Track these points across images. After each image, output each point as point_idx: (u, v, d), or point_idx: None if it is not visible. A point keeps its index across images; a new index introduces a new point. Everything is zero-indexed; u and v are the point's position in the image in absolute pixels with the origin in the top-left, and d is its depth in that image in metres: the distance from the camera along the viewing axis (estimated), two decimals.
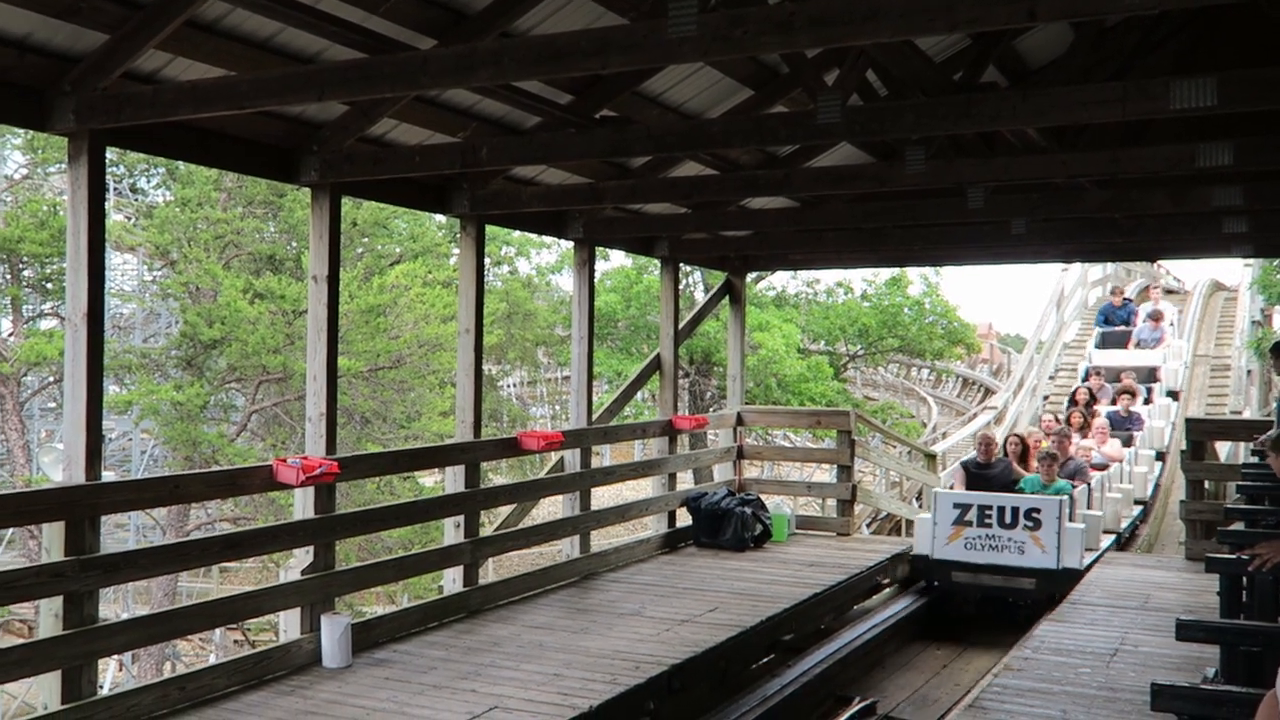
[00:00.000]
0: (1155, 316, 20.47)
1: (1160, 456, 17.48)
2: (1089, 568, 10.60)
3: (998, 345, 50.67)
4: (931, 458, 15.90)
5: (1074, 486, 11.80)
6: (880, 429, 18.04)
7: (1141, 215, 9.93)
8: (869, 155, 9.88)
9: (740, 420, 13.92)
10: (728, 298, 14.19)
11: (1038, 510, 10.85)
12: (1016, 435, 13.90)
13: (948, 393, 39.04)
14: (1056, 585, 10.34)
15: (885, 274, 27.77)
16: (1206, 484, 11.84)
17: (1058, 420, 15.48)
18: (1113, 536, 13.18)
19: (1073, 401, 16.66)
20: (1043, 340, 25.38)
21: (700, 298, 20.67)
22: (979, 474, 12.26)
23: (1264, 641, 5.30)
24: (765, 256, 14.17)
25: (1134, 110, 5.71)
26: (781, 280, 29.31)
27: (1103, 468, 14.05)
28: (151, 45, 6.05)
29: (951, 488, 12.02)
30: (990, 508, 11.05)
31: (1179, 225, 10.51)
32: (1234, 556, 6.92)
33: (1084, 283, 27.43)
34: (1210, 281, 29.29)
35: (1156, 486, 16.96)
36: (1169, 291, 29.53)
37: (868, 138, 8.47)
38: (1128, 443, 16.01)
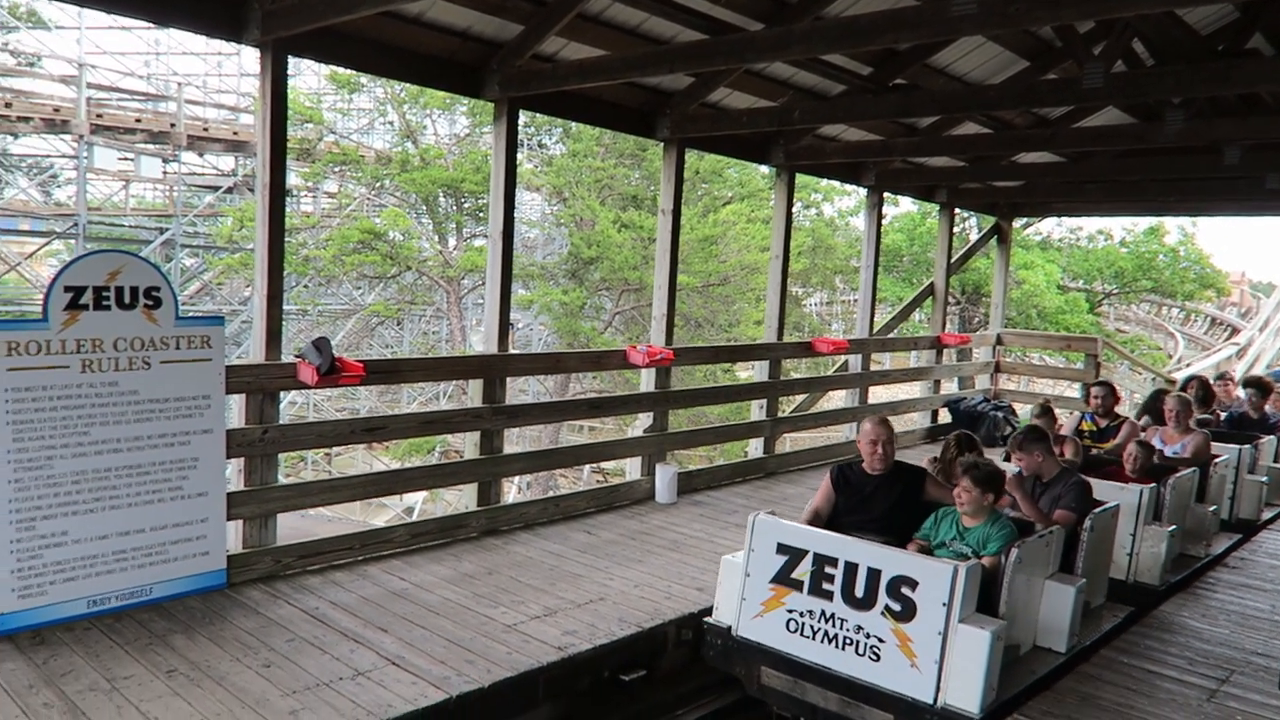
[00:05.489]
0: None
1: None
2: (1028, 694, 4.53)
3: (1249, 291, 44.51)
4: (1172, 383, 14.35)
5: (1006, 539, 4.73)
6: (1127, 356, 16.45)
7: None
8: (1132, 116, 8.86)
9: (999, 340, 13.17)
10: (995, 238, 13.36)
11: (911, 582, 4.32)
12: (964, 435, 5.99)
13: (1196, 330, 34.80)
14: None
15: (1144, 223, 25.00)
16: None
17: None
18: None
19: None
20: None
21: (975, 238, 19.49)
22: (857, 489, 5.17)
23: None
24: (1030, 204, 13.18)
25: None
26: (1048, 226, 27.01)
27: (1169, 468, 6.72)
28: (552, 33, 6.35)
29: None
30: (834, 562, 4.54)
31: None
32: None
33: None
34: None
35: None
36: None
37: (1129, 100, 7.64)
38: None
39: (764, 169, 19.88)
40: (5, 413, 4.67)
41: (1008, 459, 6.09)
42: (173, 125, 18.88)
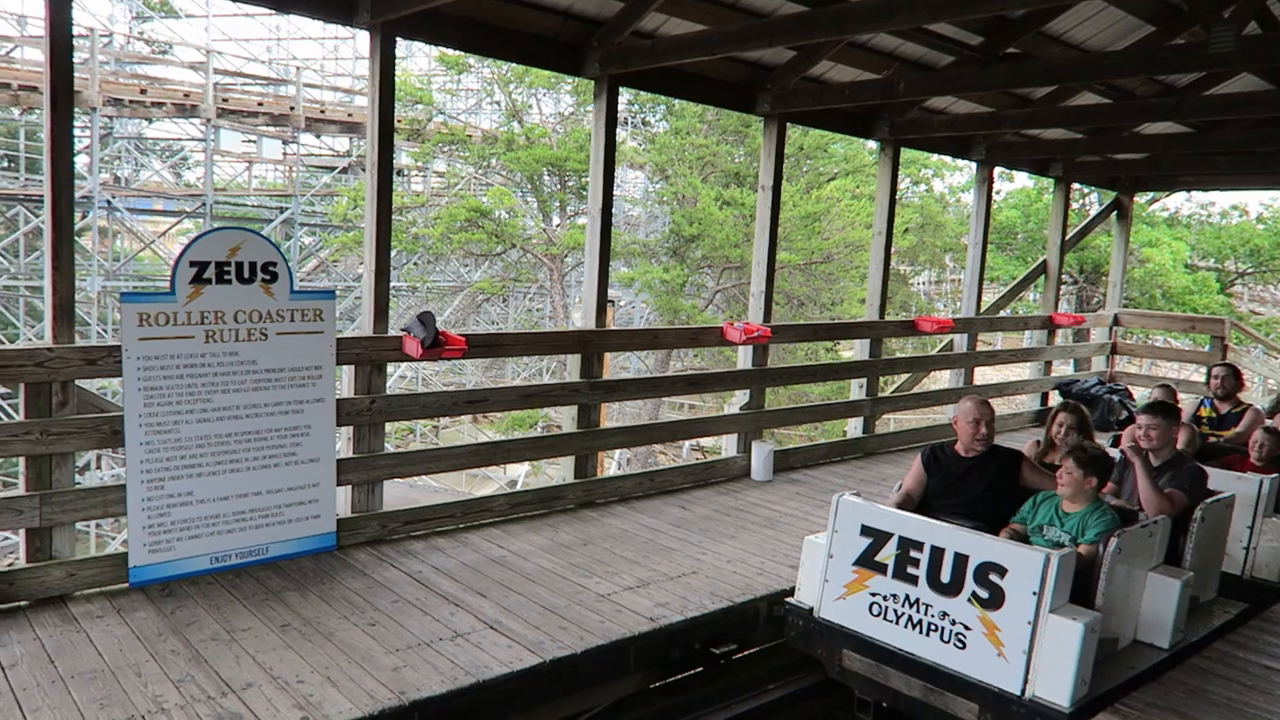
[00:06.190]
0: None
1: None
2: (1124, 689, 4.27)
3: None
4: None
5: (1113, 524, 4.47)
6: (1260, 339, 15.50)
7: None
8: (1268, 83, 8.31)
9: (1116, 321, 12.62)
10: (1115, 214, 12.79)
11: (999, 569, 4.18)
12: (1068, 412, 5.67)
13: None
14: None
15: None
16: None
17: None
18: None
19: None
20: None
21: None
22: (949, 472, 5.06)
23: None
24: (1154, 178, 12.53)
25: None
26: (1176, 202, 25.64)
27: None
28: (652, 9, 6.36)
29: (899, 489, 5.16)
30: (920, 546, 4.43)
31: None
32: None
33: None
34: None
35: None
36: None
37: (1263, 65, 7.16)
38: None
39: (870, 144, 19.44)
40: (137, 379, 4.99)
41: (1115, 444, 5.85)
42: (292, 108, 19.65)
